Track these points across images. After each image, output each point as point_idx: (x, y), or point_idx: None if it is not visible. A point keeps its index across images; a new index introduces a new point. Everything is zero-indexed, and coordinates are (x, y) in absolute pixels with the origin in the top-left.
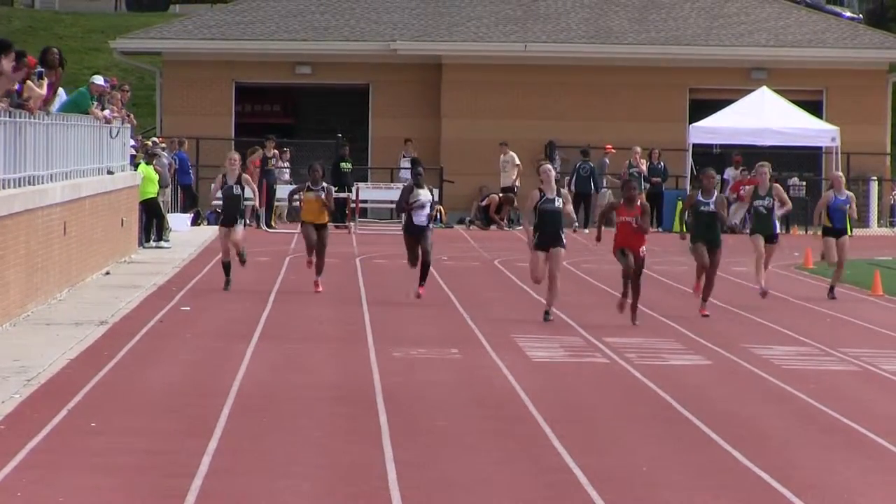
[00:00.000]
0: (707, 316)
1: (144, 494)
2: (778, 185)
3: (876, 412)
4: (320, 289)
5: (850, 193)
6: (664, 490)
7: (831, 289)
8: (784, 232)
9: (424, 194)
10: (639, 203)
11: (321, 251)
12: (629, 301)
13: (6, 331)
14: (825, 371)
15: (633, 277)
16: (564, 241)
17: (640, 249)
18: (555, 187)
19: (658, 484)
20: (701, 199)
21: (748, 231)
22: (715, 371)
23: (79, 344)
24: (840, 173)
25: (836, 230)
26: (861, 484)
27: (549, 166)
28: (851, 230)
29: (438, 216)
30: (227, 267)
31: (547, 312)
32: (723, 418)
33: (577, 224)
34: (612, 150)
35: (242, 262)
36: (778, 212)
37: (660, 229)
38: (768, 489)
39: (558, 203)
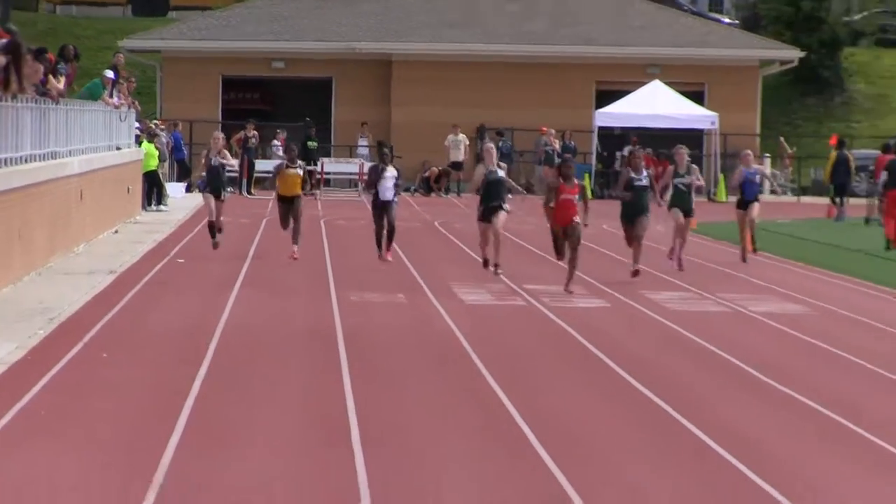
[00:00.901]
0: (638, 273)
1: (147, 413)
2: (695, 166)
3: (746, 345)
4: (297, 257)
5: (759, 167)
6: (557, 397)
7: (753, 251)
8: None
9: (391, 171)
10: (576, 181)
11: (297, 218)
12: (567, 274)
13: (33, 279)
14: (704, 312)
15: (565, 250)
16: (506, 206)
17: (575, 219)
18: (496, 161)
19: (554, 389)
20: (633, 175)
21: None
22: (613, 312)
23: (92, 289)
24: (749, 151)
25: (746, 200)
26: (719, 396)
27: (492, 145)
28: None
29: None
30: (211, 228)
31: (496, 266)
32: (616, 345)
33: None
34: (545, 130)
35: (219, 230)
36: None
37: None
38: (649, 402)
39: (500, 174)
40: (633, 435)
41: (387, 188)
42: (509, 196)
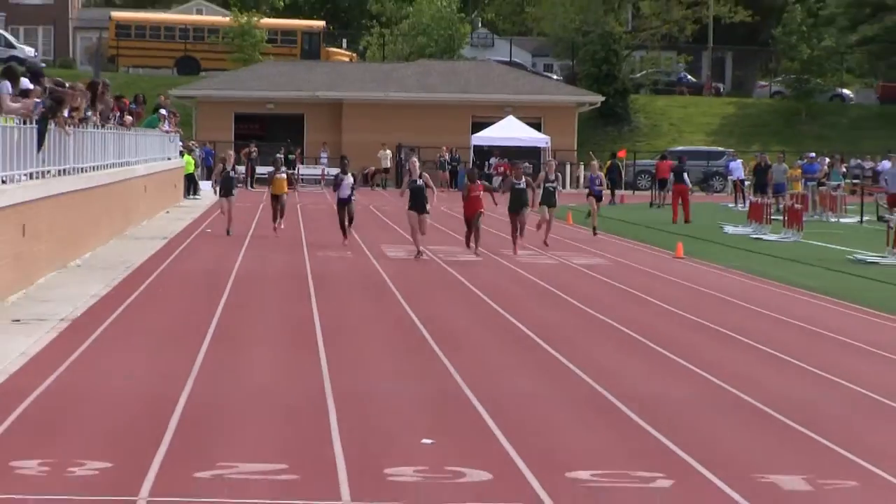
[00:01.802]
0: (517, 252)
1: (190, 324)
2: (559, 173)
3: (564, 281)
4: (282, 227)
5: (599, 173)
6: (442, 310)
7: (594, 230)
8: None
9: (349, 178)
10: (479, 182)
11: (283, 209)
12: (473, 242)
13: (114, 243)
14: (543, 263)
15: (473, 233)
16: (427, 207)
17: (481, 209)
18: (418, 172)
19: (440, 305)
20: (514, 181)
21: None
22: (484, 263)
23: (153, 249)
24: (596, 161)
25: (595, 195)
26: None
27: (415, 159)
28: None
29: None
30: (228, 220)
31: (419, 252)
32: (481, 280)
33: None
34: (446, 149)
35: (228, 232)
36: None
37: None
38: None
39: (420, 182)
40: (487, 334)
41: (345, 189)
42: (430, 192)
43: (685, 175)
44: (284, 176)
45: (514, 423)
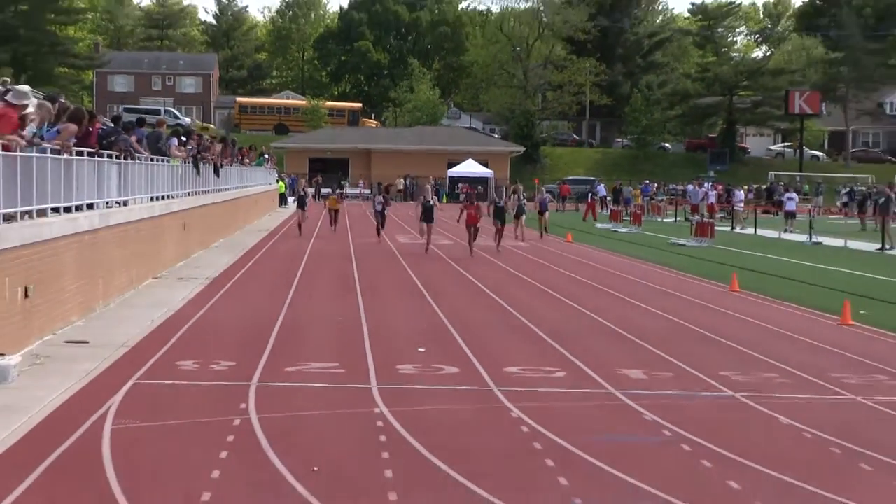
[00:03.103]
0: (499, 251)
1: (280, 282)
2: (525, 194)
3: (513, 261)
4: (336, 230)
5: (547, 194)
6: (430, 272)
7: (542, 235)
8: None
9: (380, 197)
10: (476, 202)
11: (336, 219)
12: (472, 246)
13: (238, 233)
14: (489, 246)
15: (473, 237)
16: (434, 219)
17: (478, 224)
18: (430, 193)
19: (427, 271)
20: (496, 199)
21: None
22: (454, 245)
23: (259, 238)
24: (542, 185)
25: (541, 210)
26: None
27: (428, 185)
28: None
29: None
30: (299, 227)
31: (427, 249)
32: (451, 254)
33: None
34: (432, 178)
35: (300, 231)
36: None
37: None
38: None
39: (433, 202)
40: (459, 289)
41: (378, 203)
42: (437, 209)
43: (600, 191)
44: (336, 196)
45: (473, 340)
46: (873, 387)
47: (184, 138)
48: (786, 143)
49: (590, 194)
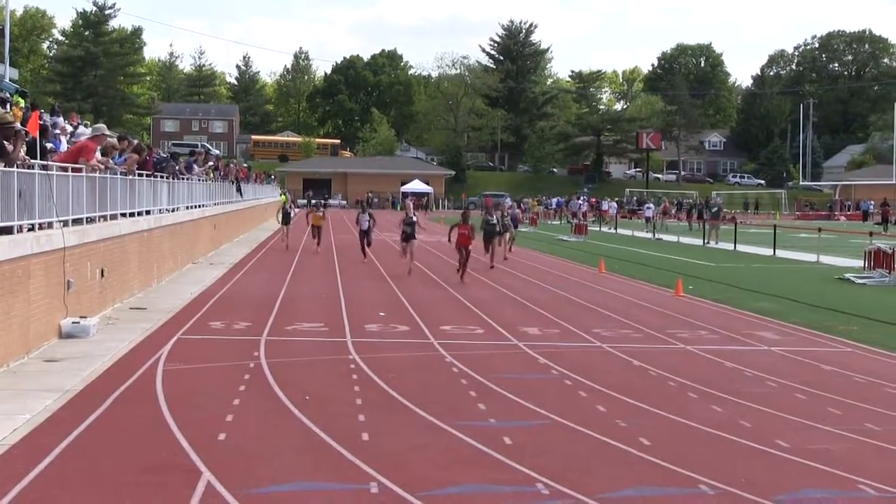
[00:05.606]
0: (493, 267)
1: (283, 268)
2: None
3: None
4: (318, 251)
5: (515, 210)
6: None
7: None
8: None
9: (366, 215)
10: (469, 222)
11: (320, 234)
12: (461, 268)
13: (254, 231)
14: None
15: (465, 259)
16: (416, 236)
17: (470, 245)
18: (412, 211)
19: (395, 262)
20: (488, 217)
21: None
22: (439, 242)
23: (263, 238)
24: (511, 202)
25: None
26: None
27: (409, 202)
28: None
29: (371, 224)
30: (286, 246)
31: (409, 272)
32: (429, 258)
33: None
34: (413, 198)
35: (286, 246)
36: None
37: (397, 210)
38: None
39: (415, 219)
40: (414, 277)
41: (364, 223)
42: (419, 226)
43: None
44: (321, 213)
45: (419, 308)
46: (698, 339)
47: (192, 158)
48: (637, 169)
49: None
